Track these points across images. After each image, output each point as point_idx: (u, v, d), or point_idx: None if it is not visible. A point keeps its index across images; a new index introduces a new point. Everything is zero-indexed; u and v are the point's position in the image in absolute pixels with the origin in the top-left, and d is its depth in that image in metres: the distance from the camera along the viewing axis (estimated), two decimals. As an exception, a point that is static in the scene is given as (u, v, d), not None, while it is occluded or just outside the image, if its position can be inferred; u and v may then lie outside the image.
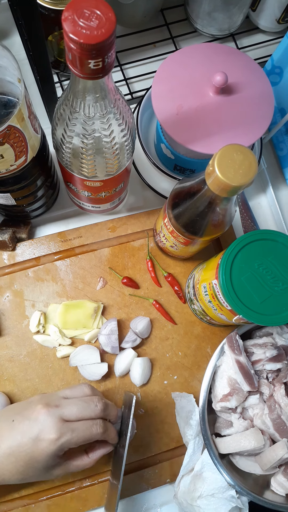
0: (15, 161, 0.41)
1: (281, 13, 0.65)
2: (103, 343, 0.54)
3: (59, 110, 0.38)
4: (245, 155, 0.34)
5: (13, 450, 0.39)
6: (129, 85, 0.67)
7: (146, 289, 0.58)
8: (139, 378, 0.53)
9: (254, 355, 0.50)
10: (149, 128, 0.62)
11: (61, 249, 0.58)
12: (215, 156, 0.34)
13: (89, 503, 0.50)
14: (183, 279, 0.59)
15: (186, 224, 0.44)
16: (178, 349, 0.56)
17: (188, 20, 0.69)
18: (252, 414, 0.49)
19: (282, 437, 0.47)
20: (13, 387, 0.53)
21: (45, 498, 0.50)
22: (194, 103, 0.48)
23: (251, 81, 0.49)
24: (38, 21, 0.38)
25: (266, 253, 0.42)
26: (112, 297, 0.57)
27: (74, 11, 0.27)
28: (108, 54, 0.28)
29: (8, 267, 0.57)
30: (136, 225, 0.59)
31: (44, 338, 0.54)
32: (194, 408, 0.52)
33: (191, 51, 0.50)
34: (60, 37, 0.57)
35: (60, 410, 0.40)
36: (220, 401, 0.49)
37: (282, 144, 0.66)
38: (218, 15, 0.64)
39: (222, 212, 0.41)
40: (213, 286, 0.44)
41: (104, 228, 0.59)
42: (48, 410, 0.40)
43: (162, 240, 0.53)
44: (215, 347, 0.54)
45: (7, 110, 0.35)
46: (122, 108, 0.37)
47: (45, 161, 0.48)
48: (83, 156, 0.40)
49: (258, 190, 0.66)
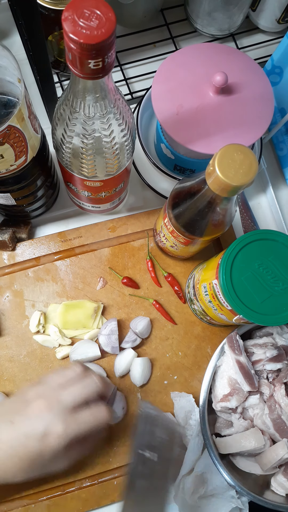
0: (15, 161, 0.41)
1: (281, 13, 0.65)
2: (103, 343, 0.54)
3: (59, 110, 0.38)
4: (246, 155, 0.34)
5: (17, 451, 0.38)
6: (129, 85, 0.67)
7: (146, 289, 0.58)
8: (139, 378, 0.53)
9: (254, 355, 0.50)
10: (149, 128, 0.62)
11: (61, 249, 0.58)
12: (215, 156, 0.34)
13: (89, 503, 0.50)
14: (183, 279, 0.59)
15: (186, 224, 0.44)
16: (178, 349, 0.56)
17: (188, 20, 0.69)
18: (252, 414, 0.49)
19: (282, 437, 0.47)
20: (13, 387, 0.53)
21: (45, 498, 0.50)
22: (194, 103, 0.48)
23: (251, 81, 0.49)
24: (38, 21, 0.38)
25: (266, 253, 0.42)
26: (112, 297, 0.57)
27: (74, 11, 0.27)
28: (108, 54, 0.28)
29: (8, 267, 0.57)
30: (136, 225, 0.59)
31: (44, 338, 0.54)
32: (193, 408, 0.52)
33: (191, 51, 0.50)
34: (60, 37, 0.57)
35: (62, 403, 0.39)
36: (220, 401, 0.49)
37: (282, 144, 0.66)
38: (218, 15, 0.64)
39: (222, 212, 0.41)
40: (213, 286, 0.44)
41: (104, 228, 0.59)
42: (49, 405, 0.38)
43: (162, 240, 0.53)
44: (215, 347, 0.54)
45: (7, 110, 0.35)
46: (122, 108, 0.37)
47: (45, 161, 0.48)
48: (83, 156, 0.40)
49: (258, 190, 0.66)
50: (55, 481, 0.51)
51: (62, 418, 0.38)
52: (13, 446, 0.38)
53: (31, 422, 0.38)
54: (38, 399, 0.40)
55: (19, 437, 0.38)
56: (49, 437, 0.37)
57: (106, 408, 0.40)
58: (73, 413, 0.39)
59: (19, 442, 0.38)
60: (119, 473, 0.51)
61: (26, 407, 0.40)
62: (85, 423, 0.39)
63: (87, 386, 0.40)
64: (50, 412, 0.38)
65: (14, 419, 0.39)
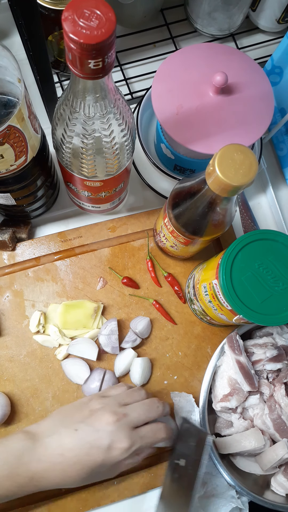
0: (15, 161, 0.41)
1: (281, 13, 0.65)
2: (103, 343, 0.54)
3: (59, 110, 0.38)
4: (246, 155, 0.34)
5: (80, 459, 0.39)
6: (129, 85, 0.67)
7: (146, 289, 0.58)
8: (139, 378, 0.53)
9: (254, 355, 0.50)
10: (149, 128, 0.62)
11: (61, 249, 0.58)
12: (215, 156, 0.34)
13: (89, 503, 0.50)
14: (183, 279, 0.59)
15: (186, 224, 0.44)
16: (178, 349, 0.56)
17: (188, 20, 0.69)
18: (252, 414, 0.49)
19: (282, 437, 0.47)
20: (13, 387, 0.53)
21: (45, 498, 0.50)
22: (194, 103, 0.48)
23: (251, 81, 0.49)
24: (38, 21, 0.38)
25: (266, 253, 0.42)
26: (112, 297, 0.57)
27: (74, 11, 0.27)
28: (108, 54, 0.28)
29: (8, 267, 0.57)
30: (136, 225, 0.59)
31: (44, 338, 0.54)
32: (193, 408, 0.52)
33: (191, 51, 0.50)
34: (60, 37, 0.57)
35: (128, 419, 0.40)
36: (220, 401, 0.49)
37: (282, 144, 0.66)
38: (218, 15, 0.64)
39: (222, 212, 0.41)
40: (213, 286, 0.44)
41: (104, 228, 0.59)
42: (117, 420, 0.40)
43: (162, 240, 0.53)
44: (215, 347, 0.54)
45: (7, 110, 0.35)
46: (122, 108, 0.37)
47: (45, 161, 0.48)
48: (83, 156, 0.40)
49: (258, 190, 0.66)
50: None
51: (127, 433, 0.39)
52: (77, 455, 0.39)
53: (97, 433, 0.39)
54: (104, 411, 0.41)
55: (84, 446, 0.39)
56: (113, 450, 0.39)
57: (165, 426, 0.43)
58: (136, 430, 0.41)
59: (84, 451, 0.39)
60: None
61: (91, 416, 0.41)
62: (147, 440, 0.41)
63: (152, 411, 0.42)
64: (116, 426, 0.39)
65: (78, 427, 0.40)
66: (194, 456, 0.45)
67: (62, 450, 0.39)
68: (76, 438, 0.39)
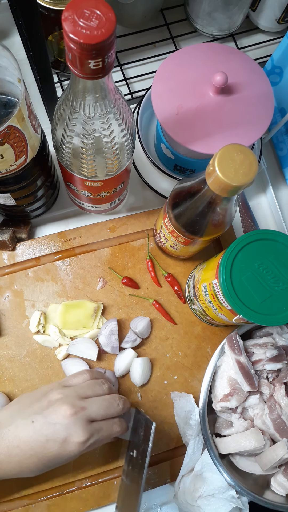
0: (15, 161, 0.41)
1: (281, 13, 0.65)
2: (103, 343, 0.54)
3: (59, 110, 0.38)
4: (246, 154, 0.34)
5: (36, 451, 0.39)
6: (129, 85, 0.67)
7: (146, 289, 0.58)
8: (139, 378, 0.53)
9: (254, 355, 0.50)
10: (149, 128, 0.62)
11: (61, 249, 0.58)
12: (215, 156, 0.34)
13: (89, 503, 0.50)
14: (183, 279, 0.59)
15: (186, 224, 0.44)
16: (178, 349, 0.56)
17: (188, 20, 0.69)
18: (252, 414, 0.49)
19: (282, 437, 0.47)
20: (13, 387, 0.53)
21: (45, 498, 0.50)
22: (194, 103, 0.48)
23: (251, 81, 0.49)
24: (38, 21, 0.38)
25: (266, 253, 0.42)
26: (112, 297, 0.57)
27: (74, 11, 0.27)
28: (108, 54, 0.28)
29: (8, 267, 0.57)
30: (136, 225, 0.59)
31: (44, 338, 0.54)
32: (193, 408, 0.52)
33: (191, 51, 0.50)
34: (60, 37, 0.57)
35: (86, 412, 0.40)
36: (220, 401, 0.49)
37: (282, 144, 0.66)
38: (218, 15, 0.64)
39: (222, 212, 0.41)
40: (213, 286, 0.44)
41: (104, 228, 0.59)
42: (75, 413, 0.39)
43: (162, 240, 0.53)
44: (215, 347, 0.54)
45: (7, 110, 0.35)
46: (122, 108, 0.37)
47: (45, 161, 0.48)
48: (83, 156, 0.40)
49: (258, 190, 0.66)
50: (55, 481, 0.51)
51: (84, 427, 0.39)
52: (33, 448, 0.39)
53: (54, 426, 0.39)
54: (62, 403, 0.40)
55: (40, 439, 0.39)
56: (69, 444, 0.39)
57: (120, 420, 0.43)
58: (93, 423, 0.40)
59: (39, 444, 0.39)
60: (119, 473, 0.51)
61: (49, 407, 0.40)
62: (103, 434, 0.40)
63: (111, 408, 0.42)
64: (73, 420, 0.39)
65: (35, 419, 0.40)
66: (142, 446, 0.45)
67: (19, 442, 0.39)
68: (32, 431, 0.39)
